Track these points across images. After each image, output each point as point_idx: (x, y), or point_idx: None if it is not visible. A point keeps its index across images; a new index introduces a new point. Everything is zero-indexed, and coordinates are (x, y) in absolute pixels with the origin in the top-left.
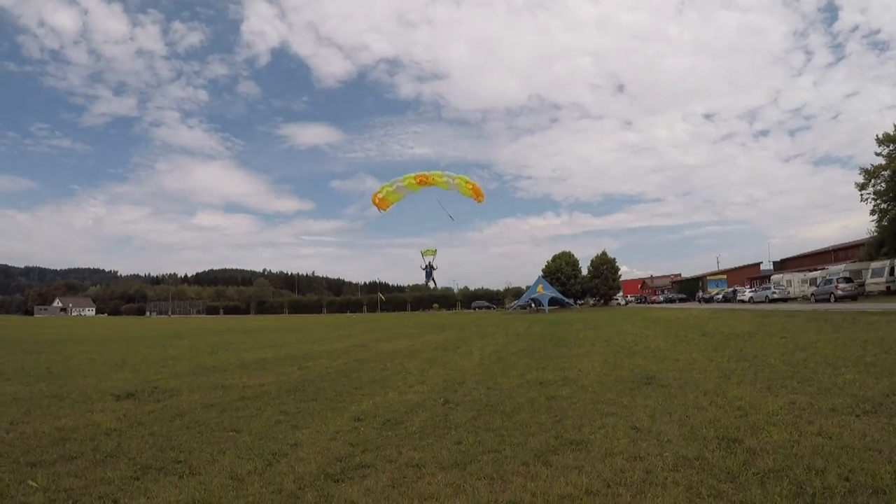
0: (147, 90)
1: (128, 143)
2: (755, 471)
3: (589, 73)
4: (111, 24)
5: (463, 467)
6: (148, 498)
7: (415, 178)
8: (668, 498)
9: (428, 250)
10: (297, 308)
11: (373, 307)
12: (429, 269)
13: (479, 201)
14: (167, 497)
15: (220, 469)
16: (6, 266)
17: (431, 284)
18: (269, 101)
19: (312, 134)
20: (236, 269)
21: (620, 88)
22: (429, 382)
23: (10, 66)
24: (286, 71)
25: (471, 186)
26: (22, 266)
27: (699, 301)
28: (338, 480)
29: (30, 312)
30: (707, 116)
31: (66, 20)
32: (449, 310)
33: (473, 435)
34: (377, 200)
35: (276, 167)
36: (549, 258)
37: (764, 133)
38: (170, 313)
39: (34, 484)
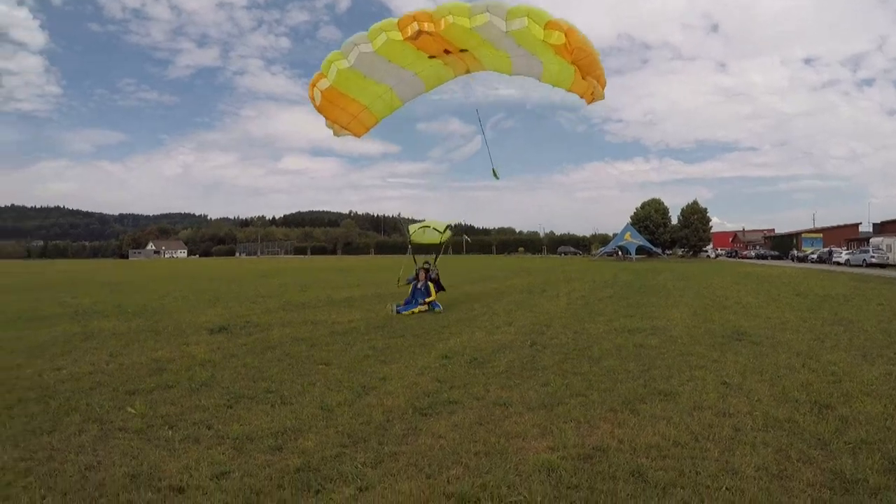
0: (229, 40)
1: (213, 92)
2: (847, 440)
3: (681, 11)
4: None
5: (550, 409)
6: (241, 424)
7: (411, 33)
8: (756, 457)
9: (422, 226)
10: (382, 249)
11: (457, 249)
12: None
13: (590, 100)
14: (259, 424)
15: (310, 399)
16: (101, 214)
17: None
18: None
19: None
20: (323, 211)
21: (714, 28)
22: (516, 324)
23: (94, 27)
24: (367, 14)
25: (569, 52)
26: (116, 213)
27: (792, 259)
28: (426, 414)
29: (125, 256)
30: (807, 61)
31: None
32: (534, 254)
33: (560, 378)
34: (319, 93)
35: None
36: (638, 205)
37: (868, 82)
38: (259, 254)
39: (133, 410)
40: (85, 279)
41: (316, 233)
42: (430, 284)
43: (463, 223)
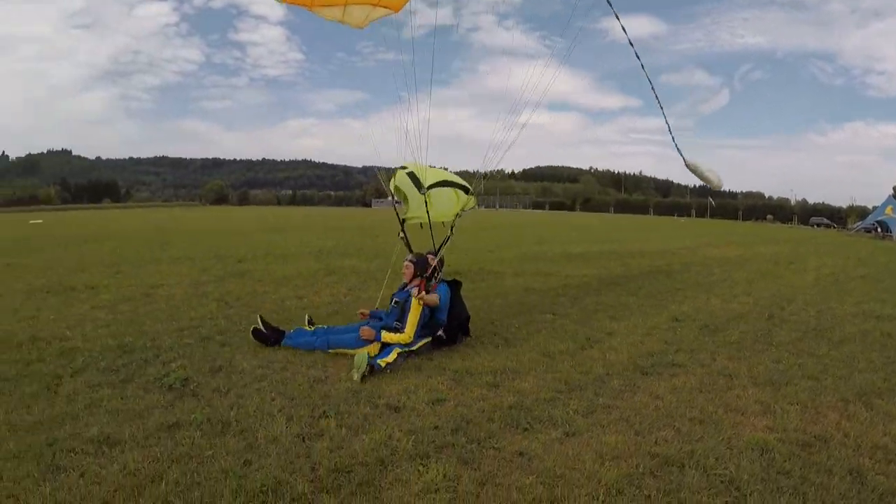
0: None
1: (449, 50)
2: None
3: None
4: None
5: (777, 388)
6: (464, 360)
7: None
8: None
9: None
10: (622, 207)
11: (701, 212)
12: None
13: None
14: (481, 361)
15: (533, 345)
16: (346, 166)
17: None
18: None
19: (634, 26)
20: (562, 167)
21: None
22: (755, 294)
23: None
24: None
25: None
26: (359, 166)
27: None
28: (646, 373)
29: (367, 205)
30: None
31: None
32: (784, 223)
33: (794, 357)
34: None
35: (599, 63)
36: None
37: None
38: (497, 207)
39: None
40: (325, 224)
41: (555, 188)
42: (418, 303)
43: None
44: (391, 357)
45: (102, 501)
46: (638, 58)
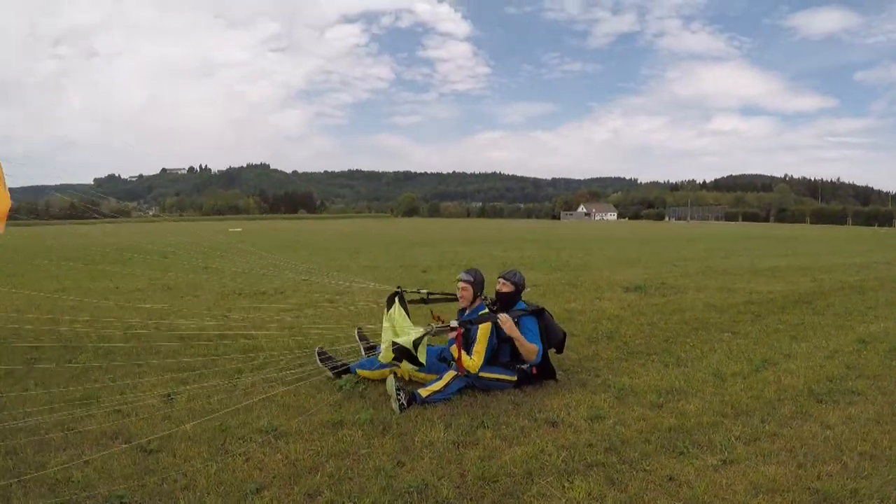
0: (643, 4)
1: (635, 57)
2: None
3: None
4: None
5: None
6: (630, 377)
7: None
8: None
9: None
10: (819, 217)
11: None
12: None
13: None
14: (648, 380)
15: (705, 365)
16: (535, 178)
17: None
18: None
19: (824, 20)
20: (755, 175)
21: None
22: None
23: (510, 10)
24: None
25: None
26: (549, 178)
27: None
28: (820, 401)
29: (556, 217)
30: None
31: None
32: None
33: None
34: None
35: (791, 62)
36: None
37: None
38: (688, 219)
39: None
40: (513, 236)
41: (748, 197)
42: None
43: None
44: (439, 385)
45: (260, 485)
46: None
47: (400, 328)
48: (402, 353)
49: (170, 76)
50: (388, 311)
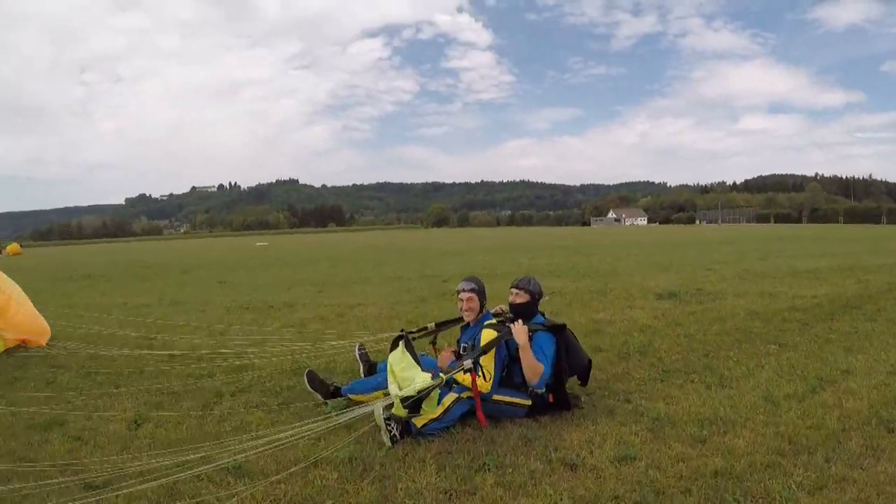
0: (663, 4)
1: (658, 58)
2: None
3: None
4: None
5: None
6: (666, 403)
7: None
8: None
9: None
10: (852, 216)
11: None
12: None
13: None
14: (687, 406)
15: (753, 385)
16: (564, 185)
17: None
18: None
19: (847, 12)
20: (786, 174)
21: None
22: None
23: (531, 17)
24: None
25: None
26: (578, 184)
27: None
28: (892, 430)
29: (586, 223)
30: None
31: None
32: None
33: None
34: None
35: (816, 56)
36: None
37: None
38: (719, 221)
39: None
40: (542, 244)
41: (779, 198)
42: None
43: None
44: (438, 411)
45: None
46: None
47: (402, 379)
48: (413, 406)
49: (195, 97)
50: (390, 353)
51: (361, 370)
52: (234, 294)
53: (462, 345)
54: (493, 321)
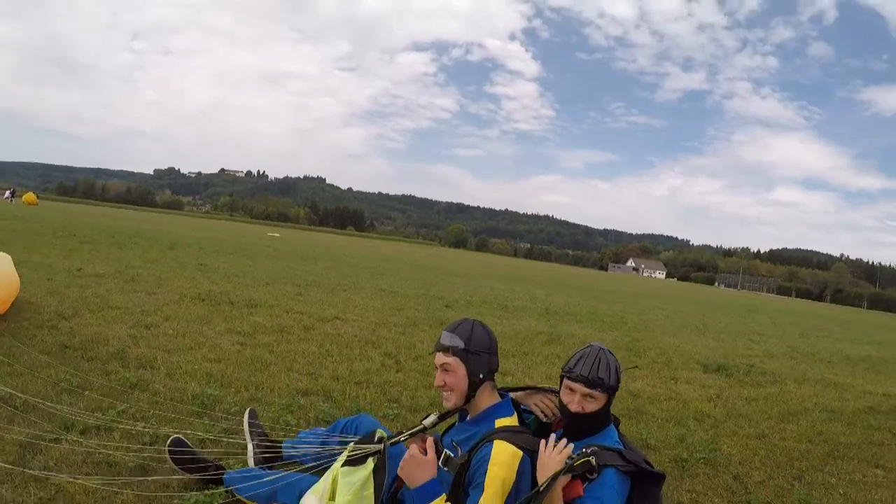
0: (714, 62)
1: (701, 116)
2: None
3: None
4: (666, 4)
5: None
6: None
7: None
8: None
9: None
10: (875, 303)
11: None
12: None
13: None
14: None
15: None
16: (587, 227)
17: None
18: (844, 61)
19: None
20: (811, 251)
21: None
22: None
23: (581, 56)
24: (858, 25)
25: None
26: (601, 228)
27: None
28: None
29: (604, 268)
30: None
31: (623, 8)
32: None
33: None
34: None
35: (859, 138)
36: None
37: None
38: (738, 287)
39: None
40: (557, 281)
41: (802, 273)
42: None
43: None
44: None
45: None
46: None
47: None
48: None
49: (238, 81)
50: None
51: (249, 447)
52: (203, 280)
53: (451, 439)
54: (512, 421)
